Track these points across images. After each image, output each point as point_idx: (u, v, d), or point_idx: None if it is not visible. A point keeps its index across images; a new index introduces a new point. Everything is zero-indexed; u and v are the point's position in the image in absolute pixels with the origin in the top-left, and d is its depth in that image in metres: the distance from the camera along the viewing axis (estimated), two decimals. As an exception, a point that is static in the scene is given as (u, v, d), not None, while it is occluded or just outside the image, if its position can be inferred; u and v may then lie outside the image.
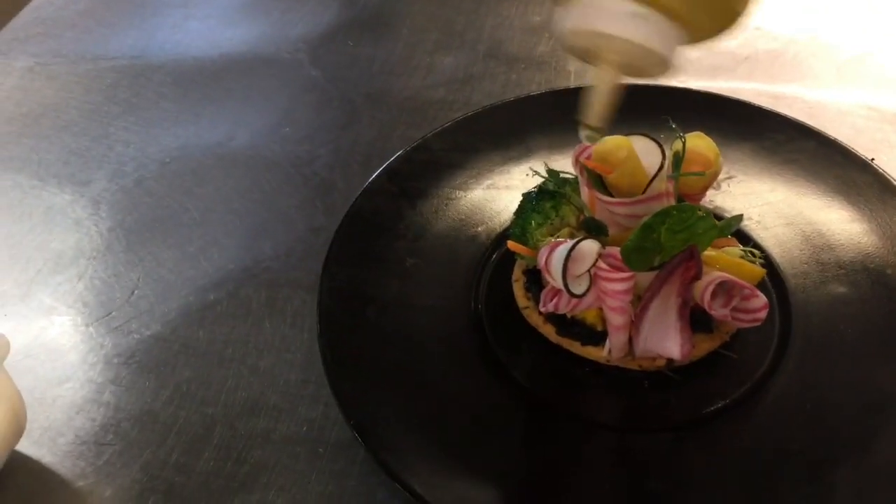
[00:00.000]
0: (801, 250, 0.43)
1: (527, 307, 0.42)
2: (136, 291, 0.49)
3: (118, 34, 0.69)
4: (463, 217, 0.47)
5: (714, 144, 0.40)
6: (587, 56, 0.35)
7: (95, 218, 0.54)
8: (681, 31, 0.33)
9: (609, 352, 0.40)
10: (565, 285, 0.36)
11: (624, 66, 0.34)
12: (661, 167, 0.37)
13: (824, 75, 0.58)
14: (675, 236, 0.35)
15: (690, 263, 0.36)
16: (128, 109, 0.62)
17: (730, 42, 0.61)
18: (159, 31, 0.69)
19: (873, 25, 0.61)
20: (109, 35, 0.69)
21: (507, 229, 0.45)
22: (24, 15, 0.72)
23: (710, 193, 0.46)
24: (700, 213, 0.35)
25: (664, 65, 0.34)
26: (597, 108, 0.35)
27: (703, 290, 0.37)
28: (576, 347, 0.41)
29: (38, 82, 0.65)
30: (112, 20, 0.71)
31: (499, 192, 0.48)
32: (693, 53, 0.58)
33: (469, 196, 0.48)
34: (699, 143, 0.40)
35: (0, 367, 0.38)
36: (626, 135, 0.38)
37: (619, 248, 0.37)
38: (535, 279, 0.42)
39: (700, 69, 0.58)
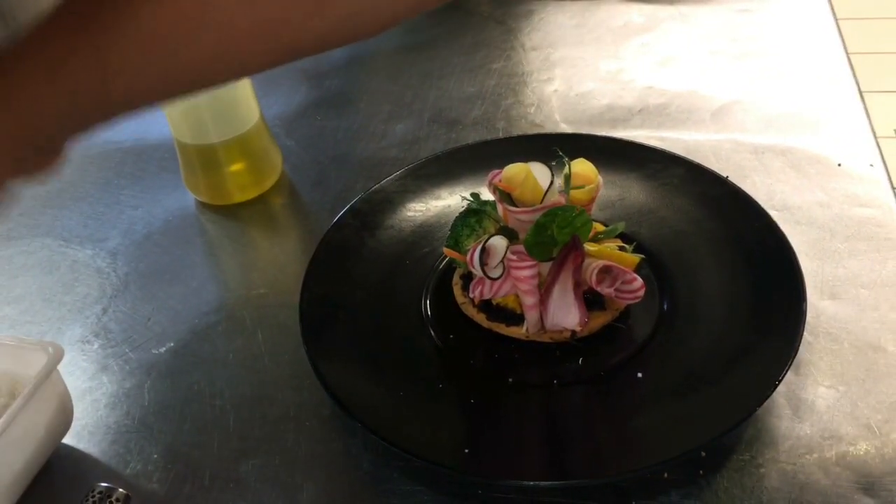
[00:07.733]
0: (672, 245, 0.56)
1: (464, 303, 0.54)
2: (151, 319, 0.60)
3: (121, 124, 0.82)
4: (412, 240, 0.59)
5: (594, 167, 0.53)
6: None
7: (114, 266, 0.65)
8: None
9: (527, 329, 0.51)
10: (484, 272, 0.48)
11: None
12: (552, 182, 0.50)
13: (701, 121, 0.72)
14: (563, 231, 0.48)
15: (577, 252, 0.48)
16: (134, 181, 0.74)
17: (627, 99, 0.75)
18: (156, 120, 0.82)
19: (738, 79, 0.76)
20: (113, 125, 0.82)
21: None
22: (41, 112, 0.85)
23: (604, 210, 0.59)
24: (577, 211, 0.48)
25: None
26: None
27: (591, 273, 0.49)
28: (502, 329, 0.52)
29: (57, 164, 0.77)
30: (116, 112, 0.84)
31: (439, 220, 0.60)
32: (598, 109, 0.72)
33: (416, 224, 0.60)
34: (582, 166, 0.53)
35: (55, 370, 0.49)
36: (525, 162, 0.51)
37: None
38: (469, 281, 0.54)
39: (602, 121, 0.72)
